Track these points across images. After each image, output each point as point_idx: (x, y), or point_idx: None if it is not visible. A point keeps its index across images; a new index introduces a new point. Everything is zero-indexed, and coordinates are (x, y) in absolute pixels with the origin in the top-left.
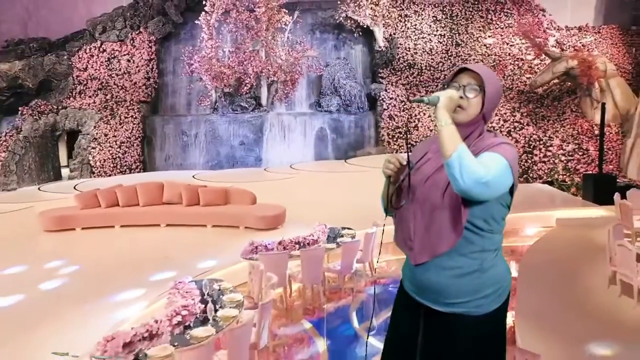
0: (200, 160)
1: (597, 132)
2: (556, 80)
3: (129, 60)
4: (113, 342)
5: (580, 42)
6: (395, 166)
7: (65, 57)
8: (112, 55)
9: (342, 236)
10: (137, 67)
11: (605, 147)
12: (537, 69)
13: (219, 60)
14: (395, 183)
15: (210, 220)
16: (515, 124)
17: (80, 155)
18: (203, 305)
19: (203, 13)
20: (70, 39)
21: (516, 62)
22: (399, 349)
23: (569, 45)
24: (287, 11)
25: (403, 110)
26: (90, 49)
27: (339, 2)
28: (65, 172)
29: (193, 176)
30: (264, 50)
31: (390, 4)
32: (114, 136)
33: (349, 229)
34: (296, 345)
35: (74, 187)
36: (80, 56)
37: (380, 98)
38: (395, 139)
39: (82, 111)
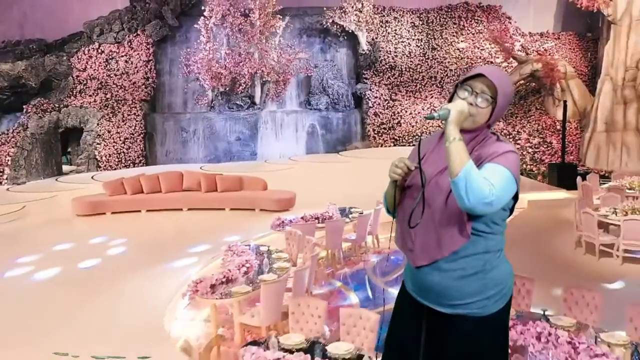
0: (199, 155)
1: (559, 127)
2: (522, 81)
3: (126, 61)
4: (202, 283)
5: (542, 47)
6: (403, 171)
7: (65, 57)
8: (110, 57)
9: (351, 213)
10: (135, 67)
11: (566, 140)
12: (505, 71)
13: (217, 62)
14: (401, 187)
15: (227, 204)
16: None
17: (87, 150)
18: (258, 262)
19: (202, 17)
20: (68, 41)
21: (486, 65)
22: (402, 350)
23: (533, 50)
24: (281, 17)
25: (387, 108)
26: (88, 50)
27: (325, 9)
28: (65, 167)
29: (200, 167)
30: (257, 53)
31: (372, 11)
32: (117, 133)
33: (355, 208)
34: (332, 297)
35: (92, 177)
36: (79, 57)
37: (366, 97)
38: (380, 134)
39: (84, 109)
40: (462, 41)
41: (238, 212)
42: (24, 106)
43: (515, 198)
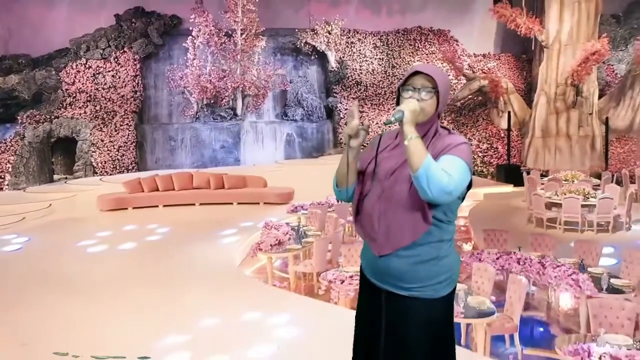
0: (186, 161)
1: (503, 135)
2: (471, 96)
3: (113, 76)
4: (263, 244)
5: (486, 66)
6: (355, 125)
7: (54, 72)
8: (97, 72)
9: None
10: (123, 82)
11: (510, 145)
12: (456, 87)
13: (204, 77)
14: (355, 162)
15: (235, 199)
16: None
17: (83, 158)
18: (294, 232)
19: (190, 37)
20: (55, 56)
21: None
22: (365, 331)
23: (478, 69)
24: (263, 37)
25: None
26: (76, 65)
27: (296, 30)
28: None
29: (197, 171)
30: (240, 69)
31: (340, 33)
32: (111, 141)
33: None
34: None
35: (100, 179)
36: (68, 71)
37: (337, 109)
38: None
39: (75, 120)
40: (417, 60)
41: (245, 205)
42: (17, 117)
43: (469, 186)
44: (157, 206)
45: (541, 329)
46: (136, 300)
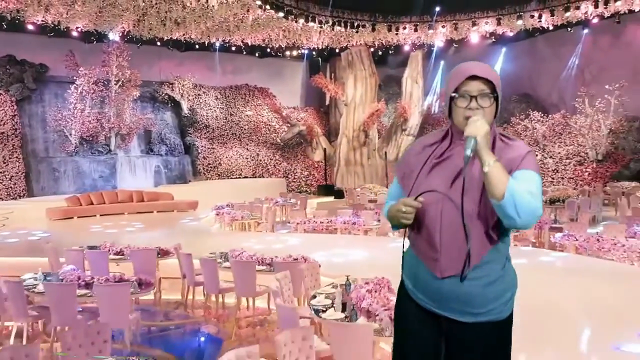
0: (69, 189)
1: (316, 165)
2: (293, 137)
3: None
4: (236, 217)
5: (299, 116)
6: (413, 213)
7: None
8: None
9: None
10: (1, 121)
11: (326, 172)
12: (281, 130)
13: (85, 118)
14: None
15: (154, 209)
16: (276, 162)
17: None
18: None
19: (74, 85)
20: None
21: (267, 127)
22: None
23: (294, 117)
24: (138, 87)
25: (210, 153)
26: None
27: (154, 82)
28: None
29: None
30: (114, 113)
31: (191, 86)
32: (2, 172)
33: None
34: None
35: (21, 198)
36: None
37: (195, 146)
38: (208, 171)
39: None
40: (249, 110)
41: (164, 213)
42: None
43: None
44: (95, 215)
45: None
46: (196, 244)
